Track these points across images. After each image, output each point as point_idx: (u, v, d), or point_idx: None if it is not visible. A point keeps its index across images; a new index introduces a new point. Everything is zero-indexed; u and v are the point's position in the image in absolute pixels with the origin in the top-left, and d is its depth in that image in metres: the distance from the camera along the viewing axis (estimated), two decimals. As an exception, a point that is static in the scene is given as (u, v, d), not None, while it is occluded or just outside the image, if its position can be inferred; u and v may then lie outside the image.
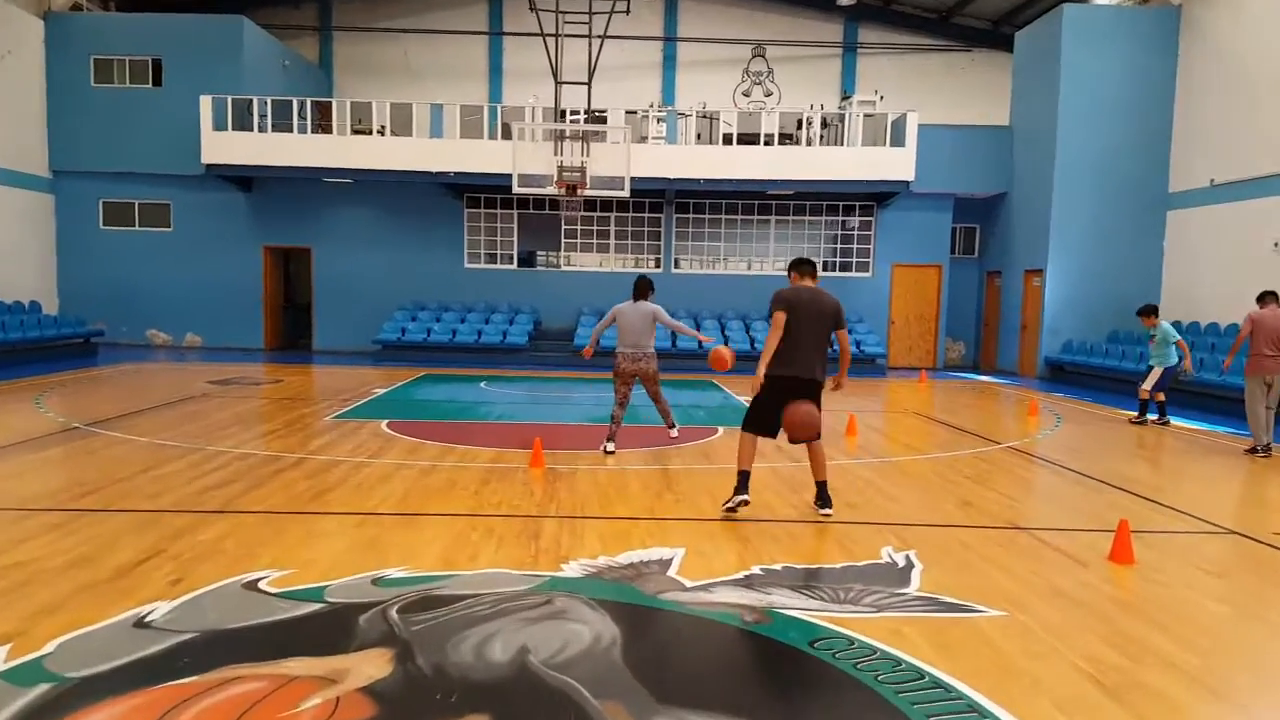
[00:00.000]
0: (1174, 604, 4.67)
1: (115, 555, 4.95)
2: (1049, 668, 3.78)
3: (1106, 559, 5.36)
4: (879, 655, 3.85)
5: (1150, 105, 17.65)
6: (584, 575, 4.85)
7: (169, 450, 8.10)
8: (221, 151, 18.50)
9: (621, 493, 6.85)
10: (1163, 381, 11.60)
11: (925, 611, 4.42)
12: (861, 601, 4.53)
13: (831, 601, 4.52)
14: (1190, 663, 3.88)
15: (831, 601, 4.52)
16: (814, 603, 4.48)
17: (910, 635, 4.08)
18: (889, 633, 4.09)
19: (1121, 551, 5.32)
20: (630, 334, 8.46)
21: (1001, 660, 3.84)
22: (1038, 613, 4.43)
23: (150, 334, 20.30)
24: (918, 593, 4.69)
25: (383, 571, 4.82)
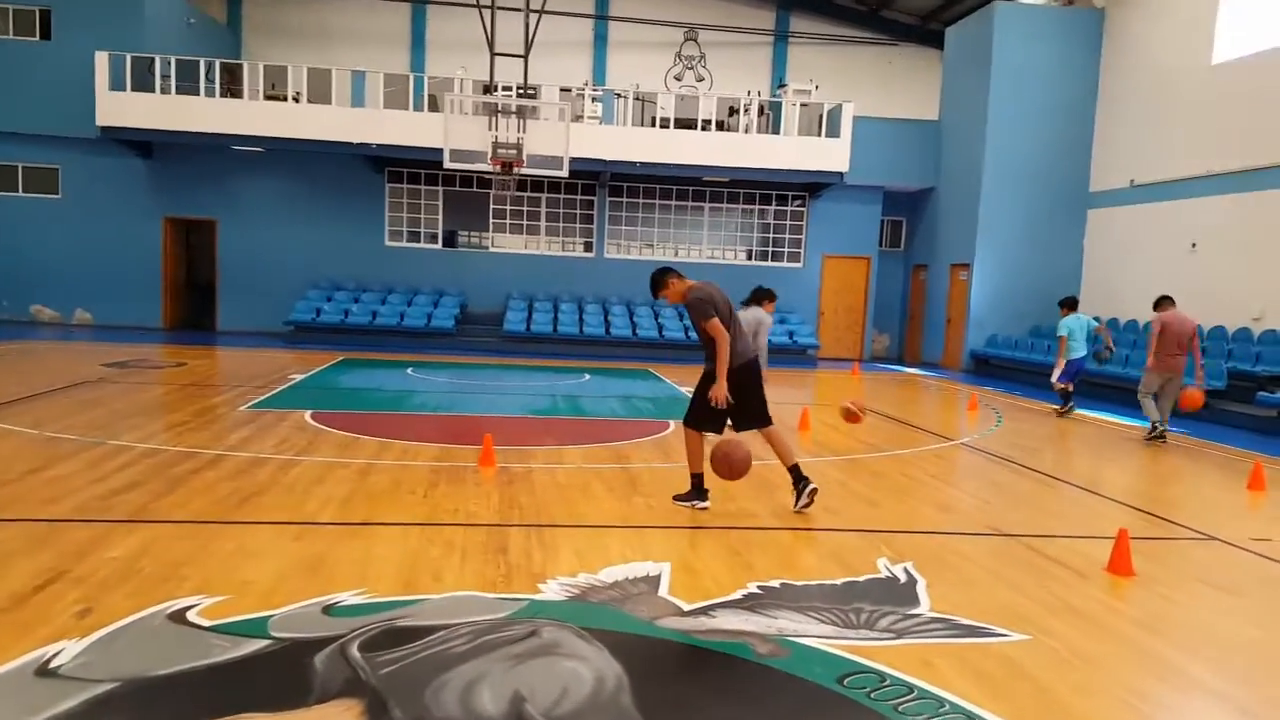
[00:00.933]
0: (1191, 623, 4.42)
1: (6, 578, 4.17)
2: (1100, 705, 3.43)
3: (1105, 570, 5.10)
4: (917, 695, 3.43)
5: (1075, 106, 17.92)
6: (566, 598, 4.31)
7: (63, 445, 7.17)
8: (119, 113, 17.00)
9: (586, 496, 6.32)
10: (1069, 371, 12.05)
11: (946, 637, 4.04)
12: (876, 625, 4.12)
13: (844, 626, 4.10)
14: (1235, 694, 3.60)
15: (844, 626, 4.10)
16: (826, 628, 4.05)
17: (941, 667, 3.68)
18: (919, 664, 3.68)
19: (1121, 563, 5.07)
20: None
21: (1047, 697, 3.48)
22: (1061, 635, 4.10)
23: (35, 310, 18.63)
24: (931, 613, 4.31)
25: (334, 597, 4.18)
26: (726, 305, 6.02)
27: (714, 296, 5.95)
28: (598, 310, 19.22)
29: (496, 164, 14.26)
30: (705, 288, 5.98)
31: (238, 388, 10.97)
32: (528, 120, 14.69)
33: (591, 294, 19.76)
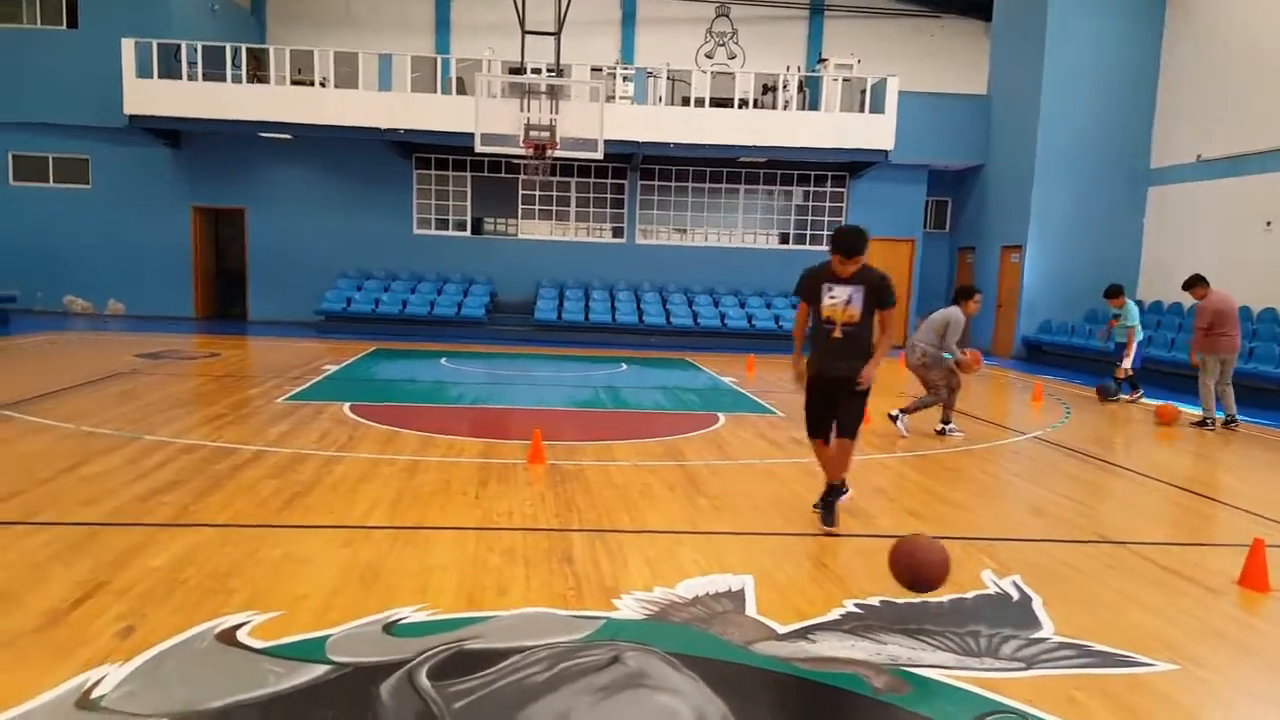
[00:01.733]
0: (1344, 644, 3.95)
1: (43, 591, 3.84)
2: (1274, 748, 3.00)
3: (1237, 584, 4.64)
4: (1065, 736, 3.02)
5: (1134, 76, 17.17)
6: (645, 617, 3.92)
7: (99, 440, 6.87)
8: (146, 101, 16.73)
9: (646, 497, 5.92)
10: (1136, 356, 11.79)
11: (1083, 666, 3.60)
12: (1000, 653, 3.69)
13: (965, 654, 3.67)
14: None
15: (965, 654, 3.67)
16: (944, 656, 3.63)
17: (1089, 705, 3.25)
18: (1062, 700, 3.26)
19: (1257, 577, 4.59)
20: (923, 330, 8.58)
21: (1210, 737, 3.05)
22: (1212, 664, 3.65)
23: (68, 301, 18.50)
24: (1057, 637, 3.87)
25: (394, 613, 3.81)
26: None
27: None
28: (630, 298, 18.79)
29: (529, 146, 13.84)
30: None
31: (273, 379, 10.67)
32: (560, 101, 14.25)
33: (623, 281, 19.33)
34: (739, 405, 10.24)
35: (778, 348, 17.62)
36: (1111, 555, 5.12)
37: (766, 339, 18.02)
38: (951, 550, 4.98)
